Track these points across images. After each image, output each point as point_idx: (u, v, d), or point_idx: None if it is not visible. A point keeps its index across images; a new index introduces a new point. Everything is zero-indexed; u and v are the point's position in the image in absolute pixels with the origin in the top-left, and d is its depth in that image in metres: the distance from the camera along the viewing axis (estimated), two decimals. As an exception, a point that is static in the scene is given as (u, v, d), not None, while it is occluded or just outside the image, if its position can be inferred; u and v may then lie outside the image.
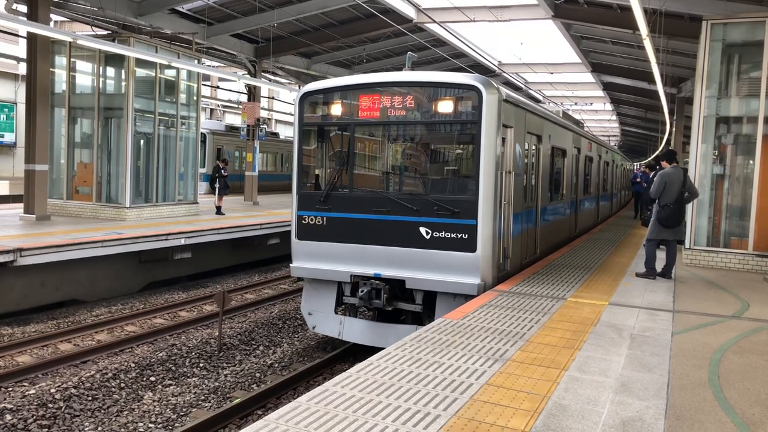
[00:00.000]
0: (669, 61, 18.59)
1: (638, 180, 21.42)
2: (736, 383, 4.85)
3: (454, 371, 4.84)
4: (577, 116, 30.15)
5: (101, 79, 15.34)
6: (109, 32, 15.99)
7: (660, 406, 4.26)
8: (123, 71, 15.11)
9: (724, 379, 4.91)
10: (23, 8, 13.71)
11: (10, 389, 7.64)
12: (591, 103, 36.37)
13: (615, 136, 54.81)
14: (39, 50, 13.48)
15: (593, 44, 21.43)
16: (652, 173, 10.57)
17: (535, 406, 4.21)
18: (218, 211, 17.19)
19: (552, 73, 27.35)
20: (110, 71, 15.73)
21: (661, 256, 9.52)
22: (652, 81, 18.19)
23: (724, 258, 10.90)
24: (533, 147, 10.40)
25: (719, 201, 11.33)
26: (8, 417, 6.77)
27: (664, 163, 9.33)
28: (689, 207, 10.49)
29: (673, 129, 26.63)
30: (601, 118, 43.95)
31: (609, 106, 36.43)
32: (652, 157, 32.15)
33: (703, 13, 11.79)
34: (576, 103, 35.78)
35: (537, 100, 30.60)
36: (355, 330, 8.81)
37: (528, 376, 4.81)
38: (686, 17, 14.67)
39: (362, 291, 8.29)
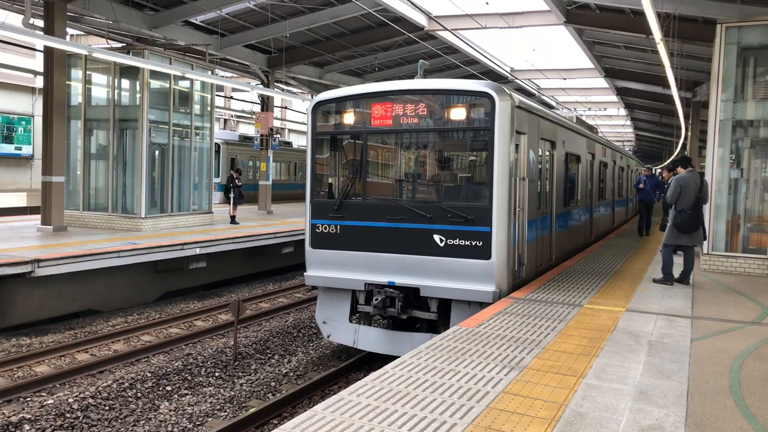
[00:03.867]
0: (683, 65, 18.43)
1: (641, 186, 16.44)
2: (757, 390, 4.76)
3: (470, 379, 4.81)
4: (590, 122, 29.99)
5: (116, 91, 15.52)
6: (124, 45, 16.18)
7: (680, 414, 4.20)
8: (138, 83, 15.28)
9: (745, 386, 4.83)
10: (40, 23, 13.92)
11: (29, 399, 7.71)
12: (605, 109, 36.14)
13: (629, 141, 54.44)
14: (55, 63, 13.68)
15: (606, 49, 21.32)
16: (670, 178, 10.43)
17: (553, 414, 4.16)
18: (233, 220, 17.29)
19: (565, 79, 27.22)
20: (125, 83, 15.90)
21: (678, 262, 9.41)
22: (667, 85, 18.06)
23: (743, 263, 10.75)
24: (547, 153, 10.35)
25: (737, 205, 11.19)
26: (27, 427, 6.82)
27: (679, 169, 9.25)
28: (706, 212, 10.36)
29: (689, 133, 26.38)
30: (615, 124, 43.64)
31: (623, 111, 36.18)
32: (668, 161, 31.85)
33: (717, 16, 11.68)
34: (589, 109, 35.60)
35: (550, 106, 30.49)
36: (369, 338, 8.79)
37: (545, 383, 4.76)
38: (700, 20, 14.54)
39: (376, 299, 8.28)
